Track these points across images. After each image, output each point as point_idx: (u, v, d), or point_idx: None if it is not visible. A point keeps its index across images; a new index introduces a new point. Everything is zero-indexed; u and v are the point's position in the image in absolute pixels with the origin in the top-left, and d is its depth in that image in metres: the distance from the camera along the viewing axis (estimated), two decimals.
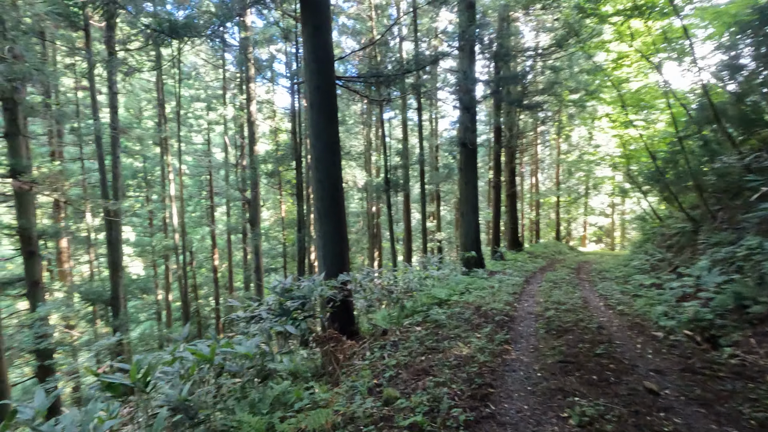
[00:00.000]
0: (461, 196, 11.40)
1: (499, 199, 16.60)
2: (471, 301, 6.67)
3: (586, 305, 6.76)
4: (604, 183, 30.23)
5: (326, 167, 5.81)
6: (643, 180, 17.18)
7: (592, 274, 11.77)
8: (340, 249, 5.88)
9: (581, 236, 34.45)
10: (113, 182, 11.50)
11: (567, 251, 22.38)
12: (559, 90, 18.49)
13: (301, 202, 12.15)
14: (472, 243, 11.12)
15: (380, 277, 6.50)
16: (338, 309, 5.51)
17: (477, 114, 25.22)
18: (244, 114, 16.00)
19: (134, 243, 26.34)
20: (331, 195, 5.83)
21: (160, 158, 21.29)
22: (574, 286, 8.99)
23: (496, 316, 5.61)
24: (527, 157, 29.66)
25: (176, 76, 17.85)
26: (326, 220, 5.83)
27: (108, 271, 12.18)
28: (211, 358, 2.68)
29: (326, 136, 5.80)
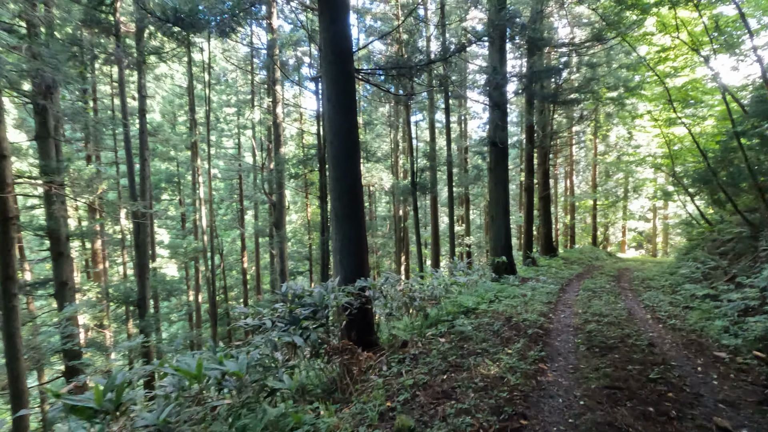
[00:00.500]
0: (491, 199, 10.81)
1: (531, 202, 15.80)
2: (501, 311, 6.12)
3: (632, 318, 6.07)
4: (645, 185, 28.59)
5: (344, 165, 5.45)
6: (690, 181, 15.97)
7: (634, 282, 10.87)
8: (359, 252, 5.50)
9: (620, 242, 32.69)
10: (141, 185, 11.63)
11: (605, 257, 21.13)
12: (597, 87, 17.52)
13: (324, 204, 11.90)
14: (503, 248, 10.50)
15: (402, 283, 6.06)
16: (355, 317, 5.13)
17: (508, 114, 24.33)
18: (270, 117, 16.01)
19: (167, 245, 27.02)
20: (349, 195, 5.47)
21: (189, 162, 21.72)
22: (615, 296, 8.23)
23: (529, 328, 5.06)
24: (561, 159, 28.46)
25: (205, 80, 18.11)
26: (344, 222, 5.47)
27: (136, 273, 12.32)
28: (198, 375, 2.34)
29: (344, 132, 5.45)
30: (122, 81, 11.26)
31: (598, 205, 28.37)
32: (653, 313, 6.67)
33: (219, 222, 31.23)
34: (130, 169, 11.45)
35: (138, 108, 11.48)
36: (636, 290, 9.37)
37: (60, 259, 8.94)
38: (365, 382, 3.90)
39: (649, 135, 23.30)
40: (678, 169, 17.49)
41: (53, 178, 8.29)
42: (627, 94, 18.62)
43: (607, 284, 10.08)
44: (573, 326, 5.44)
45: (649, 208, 32.79)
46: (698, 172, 14.68)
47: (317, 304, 4.08)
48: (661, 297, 8.23)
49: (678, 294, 8.46)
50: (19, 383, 5.62)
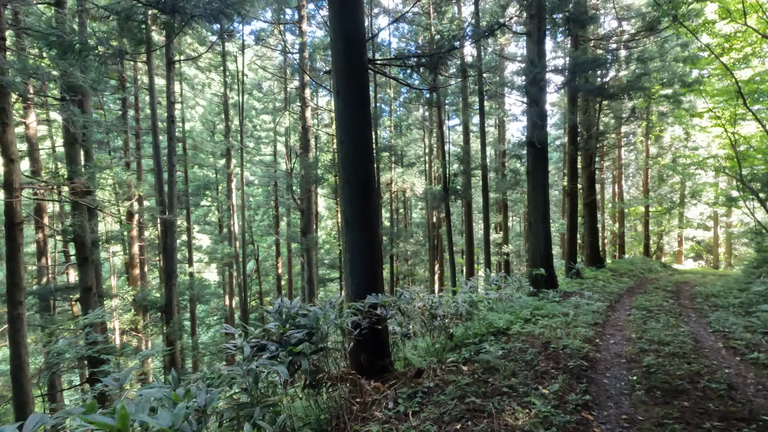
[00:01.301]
0: (529, 204, 9.88)
1: (575, 209, 14.56)
2: (537, 334, 5.28)
3: (699, 347, 5.04)
4: (705, 190, 26.12)
5: (354, 166, 4.87)
6: (760, 185, 14.18)
7: (696, 299, 9.53)
8: (371, 265, 4.88)
9: (676, 252, 30.03)
10: (168, 190, 11.66)
11: (659, 269, 19.27)
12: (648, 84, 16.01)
13: None
14: (542, 258, 9.53)
15: (422, 299, 5.38)
16: (365, 339, 4.50)
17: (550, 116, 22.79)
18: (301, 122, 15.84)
19: (205, 250, 27.66)
20: (361, 199, 4.87)
21: (224, 169, 22.05)
22: (676, 317, 7.10)
23: (570, 359, 4.22)
24: (608, 162, 26.56)
25: (239, 88, 18.29)
26: (354, 230, 4.88)
27: (163, 279, 12.35)
28: (122, 427, 1.80)
29: (355, 129, 4.88)
30: (152, 87, 11.37)
31: (651, 212, 26.17)
32: (725, 341, 5.57)
33: (256, 228, 31.70)
34: (158, 176, 11.51)
35: (167, 114, 11.52)
36: (700, 310, 8.14)
37: (85, 265, 8.96)
38: (366, 420, 3.26)
39: (709, 135, 21.22)
40: (744, 172, 15.68)
41: (76, 183, 8.30)
42: (684, 90, 16.96)
43: (665, 302, 8.85)
44: (626, 357, 4.53)
45: (709, 216, 30.00)
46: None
47: (313, 325, 3.49)
48: (732, 319, 7.03)
49: (753, 316, 7.22)
50: (24, 394, 5.45)
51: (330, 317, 3.62)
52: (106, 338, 10.39)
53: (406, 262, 23.77)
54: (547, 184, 9.67)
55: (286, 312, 3.71)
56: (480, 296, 5.53)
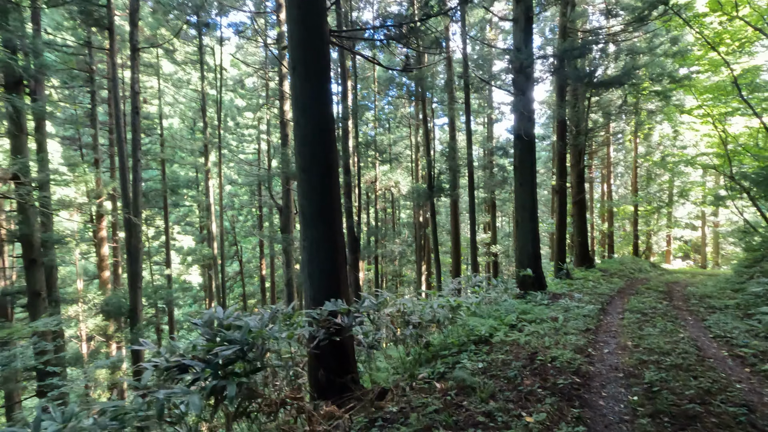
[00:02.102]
0: (516, 201, 9.32)
1: (564, 207, 14.07)
2: (523, 343, 4.68)
3: (702, 356, 4.49)
4: (693, 189, 25.95)
5: (313, 152, 4.23)
6: (750, 183, 13.86)
7: (691, 301, 9.06)
8: (333, 265, 4.24)
9: (664, 251, 29.87)
10: (133, 187, 10.86)
11: (648, 269, 18.93)
12: (636, 79, 15.64)
13: None
14: (530, 258, 8.97)
15: (396, 305, 4.75)
16: (323, 352, 3.86)
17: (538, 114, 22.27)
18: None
19: (186, 251, 26.76)
20: (321, 190, 4.23)
21: (203, 166, 21.22)
22: (672, 321, 6.57)
23: (560, 375, 3.62)
24: (597, 161, 26.28)
25: (217, 84, 17.52)
26: (313, 224, 4.23)
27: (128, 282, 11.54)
28: None
29: (313, 109, 4.24)
30: (114, 76, 10.58)
31: (640, 212, 25.92)
32: (729, 348, 5.03)
33: (239, 228, 30.82)
34: (123, 172, 10.72)
35: (131, 105, 10.74)
36: (696, 312, 7.64)
37: (32, 268, 8.16)
38: None
39: (697, 134, 20.97)
40: (736, 170, 15.40)
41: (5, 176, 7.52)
42: (673, 86, 16.62)
43: (658, 303, 8.35)
44: (623, 370, 3.94)
45: (697, 215, 29.92)
46: (766, 171, 12.62)
47: (245, 340, 2.83)
48: (731, 322, 6.54)
49: (754, 319, 6.73)
50: None
51: (270, 329, 2.96)
52: (61, 346, 9.57)
53: (392, 262, 23.17)
54: (535, 180, 9.12)
55: (219, 323, 3.04)
56: (459, 300, 4.92)
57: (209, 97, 20.90)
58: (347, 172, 11.28)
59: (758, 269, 11.55)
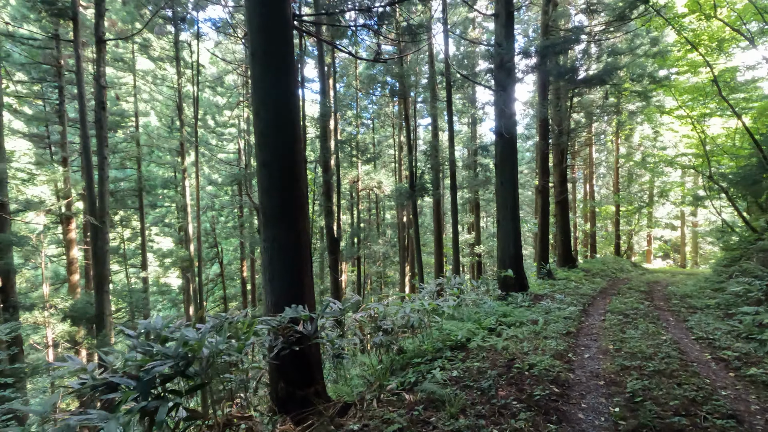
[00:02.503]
0: (497, 200, 9.12)
1: (546, 207, 13.98)
2: (500, 349, 4.43)
3: (686, 361, 4.31)
4: (672, 190, 26.32)
5: (275, 145, 3.91)
6: (727, 184, 14.00)
7: (672, 300, 8.99)
8: (296, 267, 3.92)
9: (645, 251, 30.25)
10: (99, 186, 10.33)
11: (630, 269, 19.04)
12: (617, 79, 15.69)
13: None
14: (511, 258, 8.77)
15: (366, 309, 4.45)
16: (284, 363, 3.54)
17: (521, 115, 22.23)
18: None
19: (165, 253, 26.02)
20: (283, 186, 3.91)
21: (180, 165, 20.60)
22: (654, 322, 6.43)
23: (538, 384, 3.37)
24: (580, 161, 26.45)
25: (192, 78, 16.96)
26: (275, 223, 3.90)
27: (93, 285, 10.98)
28: None
29: (276, 99, 3.91)
30: (79, 69, 10.04)
31: (621, 212, 26.17)
32: (712, 350, 4.88)
33: (220, 229, 30.10)
34: (88, 169, 10.18)
35: (96, 99, 10.20)
36: (677, 312, 7.55)
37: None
38: None
39: (677, 135, 21.23)
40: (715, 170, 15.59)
41: None
42: (653, 86, 16.77)
43: (640, 304, 8.24)
44: (604, 377, 3.72)
45: (676, 215, 30.40)
46: (742, 172, 12.73)
47: (183, 354, 2.49)
48: (713, 323, 6.44)
49: (734, 319, 6.65)
50: None
51: (213, 341, 2.63)
52: (16, 354, 9.00)
53: (375, 263, 22.87)
54: (517, 179, 8.94)
55: (156, 334, 2.70)
56: (433, 304, 4.65)
57: (186, 94, 20.30)
58: (326, 170, 10.94)
59: (737, 268, 11.60)
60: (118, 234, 25.05)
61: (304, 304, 3.79)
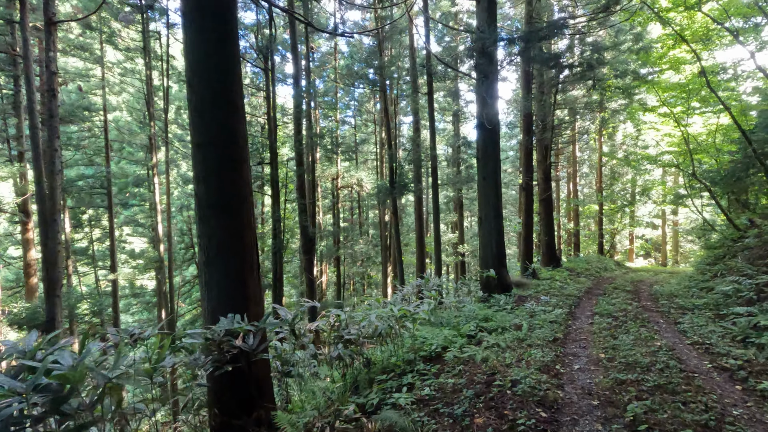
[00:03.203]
0: (479, 196, 8.61)
1: (530, 205, 13.59)
2: (479, 360, 3.88)
3: (687, 371, 3.83)
4: (654, 188, 26.40)
5: (210, 123, 3.27)
6: (710, 182, 13.85)
7: (660, 301, 8.62)
8: (238, 270, 3.29)
9: (627, 250, 30.34)
10: (48, 181, 9.47)
11: (614, 267, 18.87)
12: (601, 74, 15.43)
13: (276, 202, 9.71)
14: (494, 258, 8.27)
15: (327, 316, 3.85)
16: (221, 385, 2.92)
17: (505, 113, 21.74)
18: None
19: (133, 254, 24.95)
20: (221, 171, 3.28)
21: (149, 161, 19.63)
22: (645, 324, 6.00)
23: (521, 407, 2.82)
24: (564, 162, 26.31)
25: (162, 69, 16.07)
26: (212, 217, 3.27)
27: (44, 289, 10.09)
28: None
29: (211, 70, 3.28)
30: (27, 53, 9.17)
31: (604, 211, 26.11)
32: (712, 358, 4.43)
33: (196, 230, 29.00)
34: (36, 163, 9.30)
35: (46, 86, 9.34)
36: (666, 313, 7.15)
37: None
38: None
39: (658, 133, 21.19)
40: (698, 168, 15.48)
41: None
42: (636, 83, 16.61)
43: (627, 305, 7.83)
44: (598, 395, 3.20)
45: (657, 214, 30.60)
46: (728, 167, 12.56)
47: (54, 387, 1.85)
48: (705, 325, 6.04)
49: (727, 320, 6.26)
50: None
51: (96, 366, 2.00)
52: None
53: (355, 263, 22.23)
54: (500, 173, 8.45)
55: (19, 356, 2.05)
56: (404, 309, 4.08)
57: (158, 87, 19.33)
58: (300, 164, 10.29)
59: (721, 267, 11.36)
60: (86, 234, 23.89)
61: (246, 313, 3.18)
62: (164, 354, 2.35)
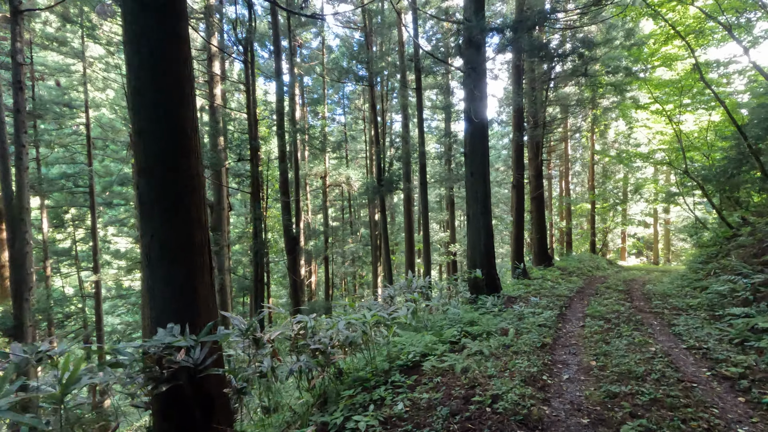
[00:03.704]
0: (467, 193, 8.28)
1: (522, 202, 13.29)
2: (459, 371, 3.53)
3: (684, 381, 3.52)
4: (646, 186, 26.33)
5: (153, 105, 2.89)
6: (703, 180, 13.68)
7: (653, 301, 8.37)
8: (185, 272, 2.92)
9: (619, 248, 30.27)
10: (17, 178, 9.00)
11: (606, 266, 18.68)
12: (593, 69, 15.18)
13: (256, 199, 9.30)
14: (482, 257, 7.94)
15: (290, 324, 3.49)
16: (164, 406, 2.54)
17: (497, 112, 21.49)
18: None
19: (120, 255, 24.42)
20: (165, 162, 2.90)
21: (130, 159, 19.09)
22: (638, 327, 5.70)
23: (501, 429, 2.48)
24: (557, 160, 26.12)
25: None
26: (156, 214, 2.89)
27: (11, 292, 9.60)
28: None
29: (154, 46, 2.90)
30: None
31: (597, 209, 25.97)
32: (708, 362, 4.14)
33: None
34: (2, 159, 8.82)
35: (12, 79, 8.86)
36: (660, 314, 6.87)
37: None
38: None
39: (650, 131, 21.06)
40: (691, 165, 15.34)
41: None
42: (629, 79, 16.41)
43: (620, 305, 7.55)
44: (588, 410, 2.87)
45: (649, 213, 30.56)
46: (721, 165, 12.38)
47: None
48: (701, 327, 5.77)
49: (723, 322, 6.00)
50: None
51: None
52: None
53: (350, 263, 21.86)
54: (488, 169, 8.12)
55: None
56: (377, 315, 3.72)
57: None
58: (283, 159, 9.89)
59: (715, 265, 11.15)
60: (69, 234, 23.31)
61: (196, 322, 2.81)
62: (76, 376, 1.97)
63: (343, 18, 12.44)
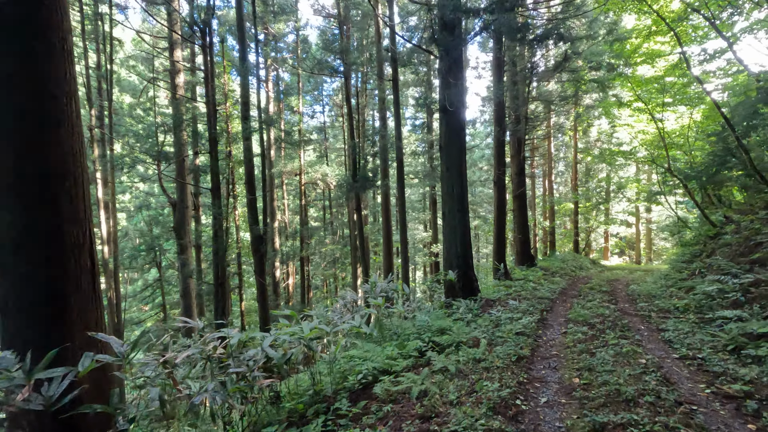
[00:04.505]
0: (442, 188, 7.70)
1: (503, 201, 12.79)
2: (416, 396, 2.91)
3: (682, 401, 2.97)
4: (628, 185, 26.29)
5: (6, 59, 2.20)
6: (686, 178, 13.40)
7: (638, 302, 7.91)
8: (51, 279, 2.23)
9: (602, 248, 30.21)
10: None
11: (589, 266, 18.37)
12: (575, 65, 14.85)
13: (216, 196, 8.55)
14: (458, 258, 7.36)
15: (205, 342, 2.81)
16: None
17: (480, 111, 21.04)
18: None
19: None
20: (25, 138, 2.21)
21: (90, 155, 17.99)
22: (625, 333, 5.18)
23: None
24: (539, 159, 25.85)
25: (107, 50, 14.58)
26: (6, 202, 2.20)
27: None
28: None
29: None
30: None
31: (580, 208, 25.79)
32: (706, 377, 3.62)
33: (161, 230, 27.29)
34: None
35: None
36: (647, 318, 6.38)
37: None
38: None
39: (633, 130, 20.92)
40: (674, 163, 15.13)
41: None
42: (611, 75, 16.15)
43: (605, 308, 7.04)
44: None
45: (631, 212, 30.60)
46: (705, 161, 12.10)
47: None
48: (691, 332, 5.29)
49: (714, 325, 5.53)
50: None
51: None
52: None
53: (330, 264, 21.14)
54: (465, 164, 7.55)
55: None
56: (316, 330, 3.07)
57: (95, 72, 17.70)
58: (248, 153, 9.16)
59: (700, 264, 10.79)
60: None
61: (68, 344, 2.12)
62: None
63: (318, 5, 11.78)
